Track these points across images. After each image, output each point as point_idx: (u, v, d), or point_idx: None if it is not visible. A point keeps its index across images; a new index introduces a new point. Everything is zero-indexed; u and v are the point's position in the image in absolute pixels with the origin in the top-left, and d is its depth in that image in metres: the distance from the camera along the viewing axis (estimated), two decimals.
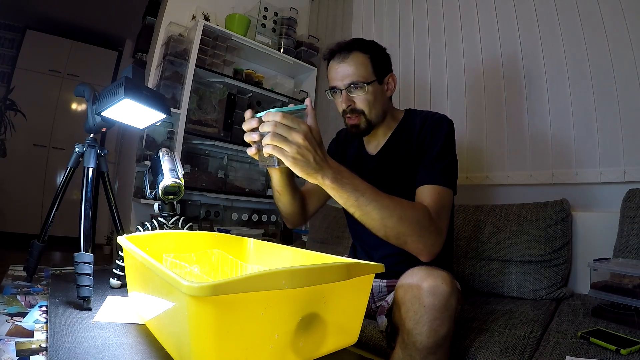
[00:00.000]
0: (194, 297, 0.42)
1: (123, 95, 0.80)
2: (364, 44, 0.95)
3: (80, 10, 3.48)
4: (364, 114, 0.94)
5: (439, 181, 0.83)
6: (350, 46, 0.94)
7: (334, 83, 0.95)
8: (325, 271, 0.53)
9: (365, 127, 0.96)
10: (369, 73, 0.93)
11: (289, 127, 0.62)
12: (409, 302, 0.66)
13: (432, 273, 0.66)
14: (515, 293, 1.24)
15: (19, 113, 3.40)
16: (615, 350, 0.72)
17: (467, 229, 1.40)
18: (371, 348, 0.90)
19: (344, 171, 0.70)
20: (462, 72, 1.74)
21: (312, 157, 0.63)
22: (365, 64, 0.93)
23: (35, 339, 0.64)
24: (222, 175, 2.15)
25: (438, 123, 0.93)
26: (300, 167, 0.63)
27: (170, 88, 1.91)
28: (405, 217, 0.72)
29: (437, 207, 0.79)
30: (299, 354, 0.54)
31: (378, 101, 0.95)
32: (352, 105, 0.94)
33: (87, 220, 0.84)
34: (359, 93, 0.93)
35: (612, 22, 1.30)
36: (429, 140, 0.91)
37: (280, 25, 2.37)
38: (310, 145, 0.63)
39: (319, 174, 0.66)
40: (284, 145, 0.62)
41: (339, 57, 0.94)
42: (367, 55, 0.93)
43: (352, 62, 0.92)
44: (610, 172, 1.27)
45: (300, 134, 0.62)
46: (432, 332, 0.63)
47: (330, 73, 0.97)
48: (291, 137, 0.62)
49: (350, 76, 0.92)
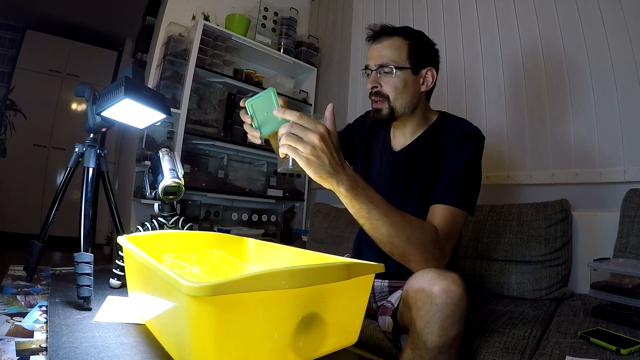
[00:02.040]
0: (194, 297, 0.42)
1: (123, 95, 0.80)
2: (408, 31, 0.93)
3: (80, 10, 3.48)
4: (388, 100, 0.91)
5: (455, 202, 0.81)
6: (393, 31, 0.92)
7: (367, 62, 0.93)
8: (325, 271, 0.53)
9: (388, 113, 0.92)
10: (403, 59, 0.90)
11: (305, 127, 0.60)
12: (421, 302, 0.65)
13: (443, 274, 0.65)
14: (515, 293, 1.24)
15: (19, 113, 3.40)
16: (615, 350, 0.72)
17: (467, 229, 1.40)
18: (371, 348, 0.89)
19: (359, 180, 0.67)
20: (462, 73, 1.74)
21: (327, 159, 0.61)
22: (402, 49, 0.90)
23: (35, 339, 0.64)
24: (222, 175, 2.15)
25: (468, 137, 0.88)
26: (314, 169, 0.61)
27: (170, 88, 1.91)
28: (412, 238, 0.71)
29: (446, 229, 0.78)
30: (299, 354, 0.54)
31: (407, 91, 0.91)
32: (378, 88, 0.91)
33: (87, 220, 0.84)
34: (387, 76, 0.90)
35: (612, 22, 1.30)
36: (453, 153, 0.87)
37: (280, 25, 2.37)
38: (326, 148, 0.61)
39: (333, 179, 0.64)
40: (299, 145, 0.60)
41: (379, 37, 0.92)
42: (407, 42, 0.91)
43: (389, 44, 0.90)
44: (610, 172, 1.27)
45: (316, 134, 0.60)
46: (444, 331, 0.62)
47: (368, 52, 0.95)
48: (307, 138, 0.60)
49: (382, 57, 0.90)
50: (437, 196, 0.83)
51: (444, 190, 0.83)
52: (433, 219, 0.80)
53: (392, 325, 0.81)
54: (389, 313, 0.84)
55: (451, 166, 0.86)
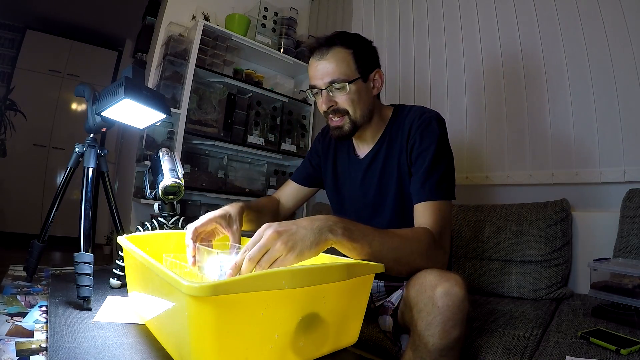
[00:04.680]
0: (194, 297, 0.42)
1: (123, 95, 0.80)
2: (345, 38, 0.88)
3: (80, 10, 3.48)
4: (347, 114, 0.88)
5: (437, 196, 0.80)
6: (330, 41, 0.86)
7: (314, 82, 0.88)
8: (325, 271, 0.53)
9: (350, 128, 0.89)
10: (352, 70, 0.86)
11: (255, 243, 0.56)
12: (422, 304, 0.64)
13: (445, 276, 0.65)
14: (516, 293, 1.24)
15: (19, 113, 3.40)
16: (615, 350, 0.72)
17: (467, 229, 1.40)
18: (371, 348, 0.90)
19: (341, 220, 0.64)
20: (462, 72, 1.74)
21: (300, 235, 0.57)
22: (347, 60, 0.85)
23: (35, 339, 0.64)
24: (222, 175, 2.15)
25: (427, 124, 0.86)
26: (299, 251, 0.57)
27: (170, 88, 1.91)
28: (414, 252, 0.71)
29: (438, 226, 0.77)
30: (299, 354, 0.54)
31: (363, 100, 0.88)
32: (334, 106, 0.88)
33: (87, 220, 0.84)
34: (341, 93, 0.86)
35: (612, 21, 1.29)
36: (419, 144, 0.85)
37: (280, 25, 2.37)
38: (284, 232, 0.57)
39: (323, 235, 0.59)
40: (267, 261, 0.55)
41: (318, 53, 0.87)
42: (350, 51, 0.86)
43: (333, 58, 0.85)
44: (610, 172, 1.27)
45: (266, 237, 0.56)
46: (445, 333, 0.62)
47: (310, 71, 0.89)
48: (265, 248, 0.55)
49: (330, 74, 0.85)
50: (417, 194, 0.82)
51: (423, 187, 0.81)
52: (422, 219, 0.79)
53: (392, 325, 0.81)
54: (390, 313, 0.84)
55: (421, 159, 0.84)
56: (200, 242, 0.75)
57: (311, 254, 0.58)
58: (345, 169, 1.02)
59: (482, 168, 1.63)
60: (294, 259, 0.56)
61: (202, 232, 0.76)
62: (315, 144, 1.14)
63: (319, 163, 1.10)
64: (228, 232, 0.79)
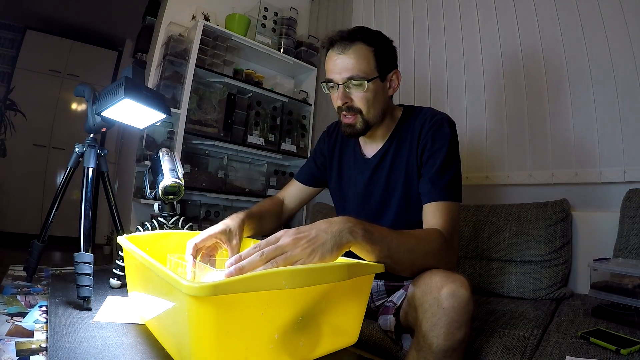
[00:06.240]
0: (194, 297, 0.42)
1: (123, 95, 0.80)
2: (368, 34, 0.86)
3: (80, 10, 3.48)
4: (361, 113, 0.87)
5: (447, 197, 0.80)
6: (352, 36, 0.84)
7: (331, 75, 0.86)
8: (325, 271, 0.53)
9: (362, 127, 0.88)
10: (371, 68, 0.84)
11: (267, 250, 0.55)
12: (427, 305, 0.64)
13: (451, 277, 0.65)
14: (516, 293, 1.24)
15: (19, 113, 3.40)
16: (615, 350, 0.72)
17: (467, 229, 1.40)
18: (371, 348, 0.89)
19: (359, 222, 0.62)
20: (462, 72, 1.74)
21: (321, 240, 0.57)
22: (368, 57, 0.84)
23: (35, 339, 0.64)
24: (222, 175, 2.15)
25: (440, 126, 0.86)
26: (320, 257, 0.56)
27: (170, 88, 1.91)
28: (427, 253, 0.71)
29: (448, 226, 0.77)
30: (299, 354, 0.54)
31: (378, 100, 0.87)
32: (349, 103, 0.86)
33: (87, 220, 0.84)
34: (358, 90, 0.84)
35: (612, 21, 1.30)
36: (430, 146, 0.85)
37: (280, 25, 2.36)
38: (304, 235, 0.57)
39: (344, 237, 0.59)
40: (284, 260, 0.55)
41: (339, 47, 0.84)
42: (371, 49, 0.84)
43: (354, 54, 0.83)
44: (610, 172, 1.27)
45: (284, 242, 0.56)
46: (449, 335, 0.62)
47: (328, 64, 0.87)
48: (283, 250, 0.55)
49: (349, 70, 0.83)
50: (428, 195, 0.82)
51: (434, 187, 0.82)
52: (431, 219, 0.79)
53: (394, 324, 0.81)
54: (392, 312, 0.84)
55: (433, 160, 0.84)
56: (201, 257, 0.75)
57: (332, 258, 0.58)
58: (351, 169, 1.02)
59: (482, 168, 1.63)
60: (319, 259, 0.56)
61: (203, 247, 0.76)
62: (320, 143, 1.13)
63: (323, 163, 1.10)
64: (227, 247, 0.78)
